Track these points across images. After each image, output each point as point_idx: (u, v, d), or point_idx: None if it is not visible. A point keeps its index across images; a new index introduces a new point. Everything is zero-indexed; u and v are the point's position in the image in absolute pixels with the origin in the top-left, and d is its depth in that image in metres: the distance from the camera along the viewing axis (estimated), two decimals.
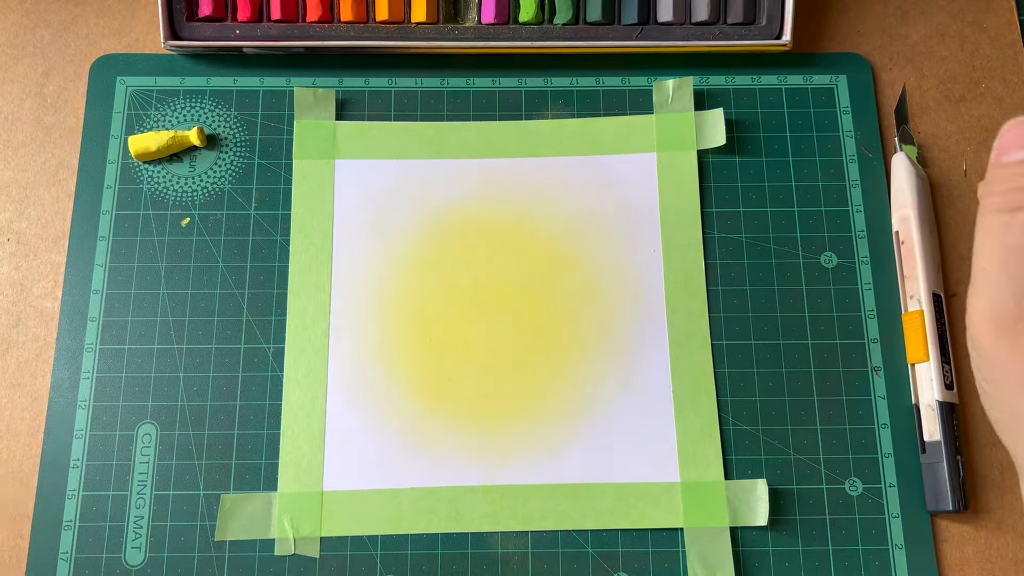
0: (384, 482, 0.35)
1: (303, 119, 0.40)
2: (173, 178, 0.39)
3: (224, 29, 0.40)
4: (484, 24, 0.41)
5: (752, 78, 0.41)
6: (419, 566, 0.35)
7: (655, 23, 0.41)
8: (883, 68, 0.42)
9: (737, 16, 0.40)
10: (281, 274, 0.38)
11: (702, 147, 0.40)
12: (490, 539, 0.35)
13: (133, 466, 0.36)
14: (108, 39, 0.42)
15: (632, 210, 0.39)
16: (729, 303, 0.38)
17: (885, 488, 0.36)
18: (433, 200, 0.39)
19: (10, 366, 0.37)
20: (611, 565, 0.35)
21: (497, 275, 0.38)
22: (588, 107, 0.41)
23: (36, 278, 0.38)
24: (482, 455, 0.36)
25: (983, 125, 0.41)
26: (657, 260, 0.38)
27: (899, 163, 0.39)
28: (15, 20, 0.42)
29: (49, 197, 0.39)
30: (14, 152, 0.40)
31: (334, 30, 0.40)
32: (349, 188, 0.39)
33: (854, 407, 0.37)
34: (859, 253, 0.39)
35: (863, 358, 0.37)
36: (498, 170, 0.40)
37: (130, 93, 0.41)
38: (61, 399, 0.36)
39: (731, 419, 0.36)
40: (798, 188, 0.40)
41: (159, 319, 0.37)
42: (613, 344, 0.37)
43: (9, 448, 0.36)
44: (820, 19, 0.43)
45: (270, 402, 0.36)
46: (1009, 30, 0.42)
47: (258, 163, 0.40)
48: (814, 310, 0.38)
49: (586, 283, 0.38)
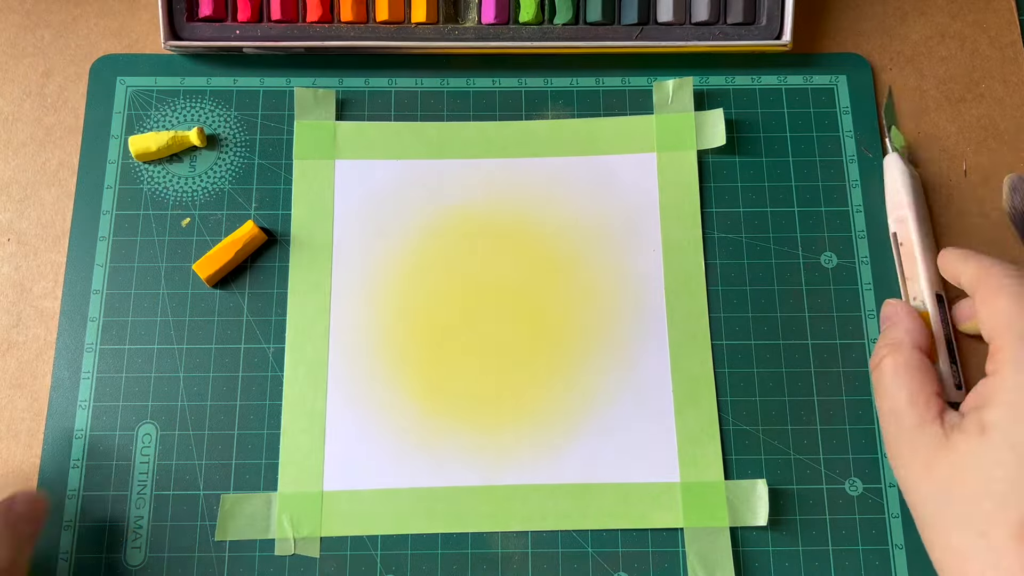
0: (384, 482, 0.35)
1: (303, 119, 0.40)
2: (173, 178, 0.39)
3: (224, 29, 0.40)
4: (484, 24, 0.41)
5: (752, 78, 0.41)
6: (419, 566, 0.35)
7: (655, 23, 0.41)
8: (883, 68, 0.42)
9: (737, 16, 0.40)
10: (281, 274, 0.38)
11: (702, 147, 0.40)
12: (490, 539, 0.35)
13: (133, 466, 0.36)
14: (108, 39, 0.42)
15: (632, 210, 0.39)
16: (729, 303, 0.38)
17: (885, 488, 0.36)
18: (433, 200, 0.39)
19: (10, 366, 0.37)
20: (611, 565, 0.35)
21: (497, 275, 0.38)
22: (588, 107, 0.41)
23: (36, 278, 0.38)
24: (482, 455, 0.36)
25: (983, 125, 0.41)
26: (657, 260, 0.38)
27: (892, 165, 0.39)
28: (15, 20, 0.42)
29: (49, 197, 0.39)
30: (14, 152, 0.40)
31: (334, 30, 0.40)
32: (349, 188, 0.39)
33: (854, 407, 0.37)
34: (859, 253, 0.39)
35: (863, 358, 0.37)
36: (498, 170, 0.40)
37: (130, 93, 0.41)
38: (61, 399, 0.36)
39: (731, 419, 0.36)
40: (798, 188, 0.40)
41: (159, 319, 0.37)
42: (613, 344, 0.37)
43: (9, 448, 0.36)
44: (820, 19, 0.43)
45: (270, 402, 0.36)
46: (1009, 30, 0.42)
47: (258, 163, 0.40)
48: (814, 310, 0.38)
49: (586, 283, 0.38)
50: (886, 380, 0.32)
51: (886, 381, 0.32)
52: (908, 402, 0.31)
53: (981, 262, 0.32)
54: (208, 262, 0.37)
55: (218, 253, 0.37)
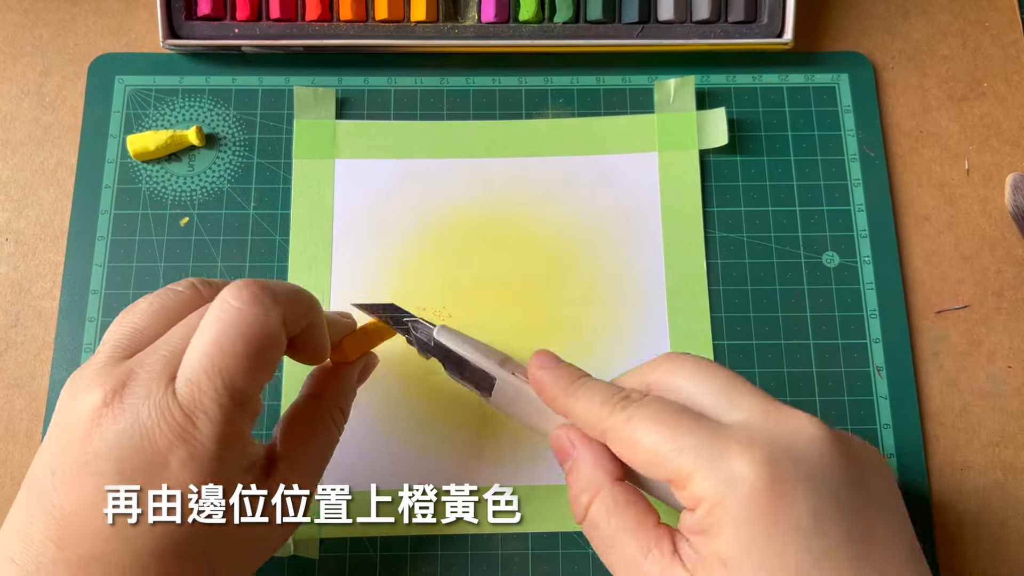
0: (383, 483, 0.35)
1: (303, 118, 0.40)
2: (172, 177, 0.39)
3: (223, 28, 0.40)
4: (484, 23, 0.40)
5: (753, 77, 0.41)
6: (419, 566, 0.34)
7: (656, 21, 0.41)
8: (885, 67, 0.42)
9: (738, 14, 0.40)
10: (281, 274, 0.38)
11: (704, 147, 0.40)
12: (490, 539, 0.35)
13: None
14: (107, 38, 0.42)
15: (633, 210, 0.39)
16: (730, 303, 0.38)
17: None
18: (433, 199, 0.39)
19: (8, 366, 0.37)
20: None
21: (497, 275, 0.38)
22: (589, 106, 0.41)
23: (35, 278, 0.38)
24: (482, 455, 0.35)
25: (985, 124, 0.41)
26: (658, 260, 0.38)
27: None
28: (13, 19, 0.42)
29: (48, 197, 0.39)
30: (12, 152, 0.40)
31: (333, 29, 0.40)
32: (349, 187, 0.39)
33: (856, 407, 0.37)
34: (861, 252, 0.39)
35: (865, 358, 0.37)
36: (498, 169, 0.40)
37: (129, 92, 0.40)
38: None
39: None
40: (800, 187, 0.40)
41: None
42: (614, 344, 0.37)
43: (7, 449, 0.36)
44: (822, 18, 0.43)
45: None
46: (1011, 28, 0.42)
47: (257, 162, 0.40)
48: (816, 310, 0.38)
49: (587, 283, 0.38)
50: (603, 530, 0.26)
51: (603, 531, 0.26)
52: (639, 549, 0.25)
53: (585, 401, 0.26)
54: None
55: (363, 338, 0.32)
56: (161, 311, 0.27)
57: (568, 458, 0.27)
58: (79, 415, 0.24)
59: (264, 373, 0.25)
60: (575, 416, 0.27)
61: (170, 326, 0.26)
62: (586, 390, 0.27)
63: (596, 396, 0.26)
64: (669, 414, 0.24)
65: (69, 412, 0.24)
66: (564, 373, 0.27)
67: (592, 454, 0.26)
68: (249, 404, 0.25)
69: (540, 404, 0.28)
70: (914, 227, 0.39)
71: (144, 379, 0.24)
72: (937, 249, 0.39)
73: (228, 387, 0.24)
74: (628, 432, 0.25)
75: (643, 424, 0.24)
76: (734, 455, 0.23)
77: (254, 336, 0.24)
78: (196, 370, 0.24)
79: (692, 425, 0.24)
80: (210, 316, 0.25)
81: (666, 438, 0.24)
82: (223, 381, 0.24)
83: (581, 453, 0.26)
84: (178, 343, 0.25)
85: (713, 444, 0.23)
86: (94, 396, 0.24)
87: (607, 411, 0.25)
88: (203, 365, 0.24)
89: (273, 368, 0.26)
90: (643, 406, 0.25)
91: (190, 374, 0.24)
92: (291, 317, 0.26)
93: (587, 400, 0.26)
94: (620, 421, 0.25)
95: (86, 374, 0.25)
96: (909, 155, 0.40)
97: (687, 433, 0.24)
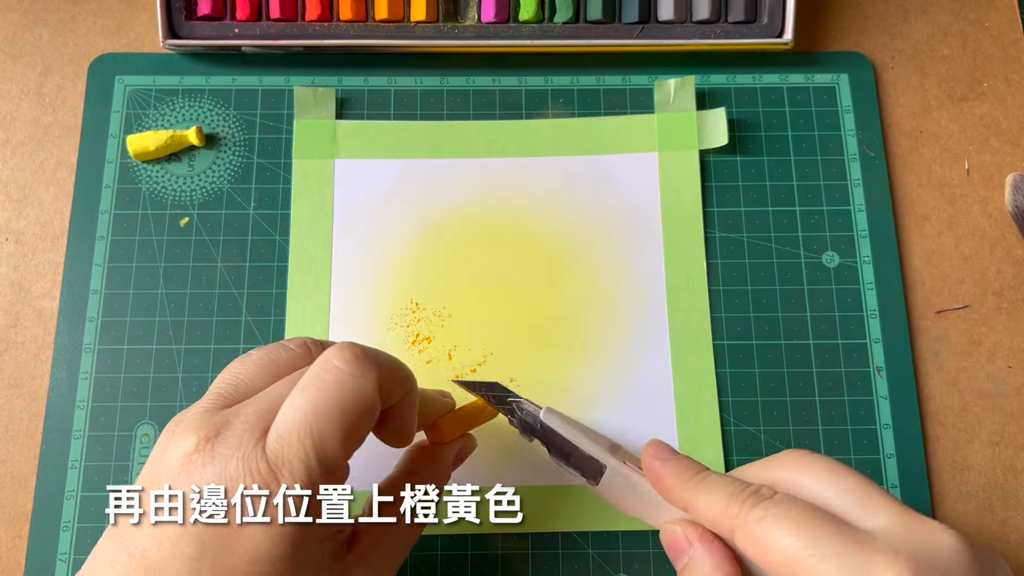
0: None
1: (303, 118, 0.40)
2: (172, 177, 0.39)
3: (223, 28, 0.40)
4: (484, 23, 0.40)
5: (753, 77, 0.41)
6: (419, 566, 0.34)
7: (656, 21, 0.41)
8: (885, 67, 0.42)
9: (738, 14, 0.40)
10: (280, 274, 0.38)
11: (704, 147, 0.40)
12: (490, 539, 0.35)
13: (132, 467, 0.35)
14: (107, 38, 0.42)
15: (633, 210, 0.39)
16: (730, 303, 0.38)
17: (887, 489, 0.35)
18: (433, 200, 0.39)
19: (8, 366, 0.37)
20: (611, 566, 0.35)
21: (497, 275, 0.38)
22: (589, 106, 0.41)
23: (34, 278, 0.38)
24: (483, 455, 0.35)
25: (985, 124, 0.41)
26: (658, 260, 0.38)
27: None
28: (13, 19, 0.42)
29: (48, 197, 0.39)
30: (12, 151, 0.40)
31: (333, 29, 0.40)
32: (349, 187, 0.39)
33: (856, 407, 0.37)
34: (861, 252, 0.39)
35: (865, 358, 0.37)
36: (498, 169, 0.40)
37: (129, 92, 0.40)
38: (59, 399, 0.36)
39: (732, 419, 0.36)
40: (800, 187, 0.40)
41: (158, 319, 0.37)
42: (614, 344, 0.37)
43: (7, 448, 0.36)
44: (822, 18, 0.43)
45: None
46: (1011, 28, 0.42)
47: (257, 162, 0.40)
48: (816, 310, 0.38)
49: (587, 283, 0.38)
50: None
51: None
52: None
53: (717, 495, 0.25)
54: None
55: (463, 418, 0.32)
56: (270, 365, 0.27)
57: (683, 555, 0.26)
58: (171, 459, 0.24)
59: (355, 440, 0.25)
60: (697, 510, 0.25)
61: (275, 381, 0.26)
62: (709, 483, 0.25)
63: (722, 490, 0.25)
64: (806, 515, 0.23)
65: (162, 455, 0.24)
66: (684, 465, 0.26)
67: (711, 555, 0.25)
68: (336, 469, 0.24)
69: (652, 495, 0.27)
70: (914, 227, 0.39)
71: (238, 430, 0.24)
72: (937, 249, 0.39)
73: (317, 449, 0.24)
74: (761, 532, 0.23)
75: (778, 524, 0.23)
76: (880, 565, 0.21)
77: (351, 401, 0.24)
78: (288, 427, 0.24)
79: (832, 530, 0.22)
80: (311, 374, 0.25)
81: (804, 541, 0.22)
82: (313, 442, 0.24)
83: (699, 553, 0.25)
84: (278, 398, 0.25)
85: (857, 552, 0.22)
86: (187, 441, 0.24)
87: (736, 507, 0.24)
88: (296, 423, 0.24)
89: (364, 436, 0.25)
90: (776, 504, 0.23)
91: (282, 431, 0.24)
92: (387, 386, 0.26)
93: (712, 494, 0.25)
94: (753, 519, 0.23)
95: (185, 419, 0.25)
96: (909, 155, 0.40)
97: (828, 538, 0.22)
